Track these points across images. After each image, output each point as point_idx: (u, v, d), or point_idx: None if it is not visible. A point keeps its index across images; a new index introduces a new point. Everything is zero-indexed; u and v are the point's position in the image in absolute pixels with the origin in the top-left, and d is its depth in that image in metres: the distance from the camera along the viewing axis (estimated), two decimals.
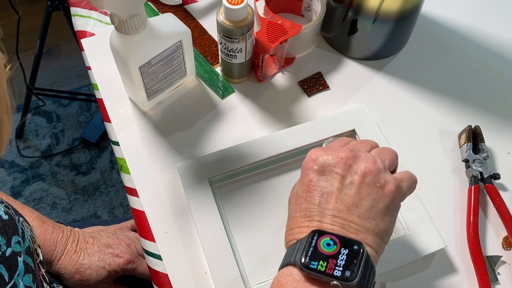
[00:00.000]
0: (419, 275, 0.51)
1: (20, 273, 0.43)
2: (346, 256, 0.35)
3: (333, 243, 0.36)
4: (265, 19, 0.60)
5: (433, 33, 0.69)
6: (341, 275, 0.34)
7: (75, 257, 0.57)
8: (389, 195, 0.39)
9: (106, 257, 0.58)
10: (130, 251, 0.60)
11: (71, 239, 0.59)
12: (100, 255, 0.58)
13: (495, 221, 0.55)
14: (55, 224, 0.60)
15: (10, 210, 0.46)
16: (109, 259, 0.58)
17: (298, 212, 0.39)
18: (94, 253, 0.58)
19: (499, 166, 0.58)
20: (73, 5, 0.71)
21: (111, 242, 0.60)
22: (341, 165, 0.39)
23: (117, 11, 0.47)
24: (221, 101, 0.63)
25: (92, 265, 0.57)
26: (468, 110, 0.62)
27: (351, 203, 0.38)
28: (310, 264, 0.35)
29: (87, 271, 0.57)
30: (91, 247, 0.59)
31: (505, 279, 0.51)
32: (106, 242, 0.60)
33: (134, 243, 0.62)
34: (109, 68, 0.63)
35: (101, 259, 0.58)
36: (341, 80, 0.64)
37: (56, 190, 1.41)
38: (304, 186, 0.39)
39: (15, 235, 0.44)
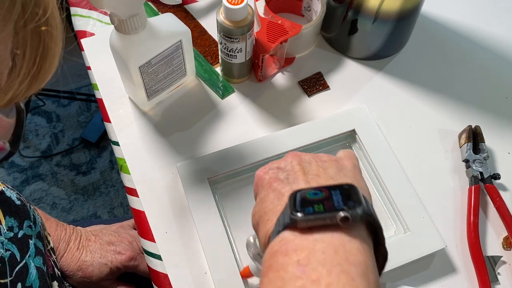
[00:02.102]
0: (419, 275, 0.51)
1: (31, 255, 0.44)
2: (340, 194, 0.31)
3: (320, 191, 0.31)
4: (265, 19, 0.60)
5: (433, 33, 0.69)
6: (344, 205, 0.29)
7: (78, 254, 0.57)
8: (348, 164, 0.37)
9: (108, 254, 0.58)
10: (132, 248, 0.60)
11: (74, 236, 0.59)
12: (102, 252, 0.58)
13: (495, 221, 0.55)
14: (58, 222, 0.60)
15: (21, 197, 0.48)
16: (111, 256, 0.58)
17: (267, 205, 0.34)
18: (96, 251, 0.58)
19: (499, 166, 0.58)
20: (73, 5, 0.71)
21: (113, 239, 0.60)
22: (292, 157, 0.37)
23: (117, 11, 0.47)
24: (221, 101, 0.63)
25: (94, 262, 0.57)
26: (468, 110, 0.62)
27: (319, 172, 0.35)
28: (305, 211, 0.30)
29: (89, 268, 0.57)
30: (93, 245, 0.59)
31: (505, 279, 0.51)
32: (108, 239, 0.60)
33: (136, 240, 0.62)
34: (109, 68, 0.63)
35: (103, 256, 0.58)
36: (341, 80, 0.64)
37: (56, 190, 1.41)
38: (264, 189, 0.36)
39: (27, 220, 0.46)
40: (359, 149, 0.58)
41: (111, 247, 0.59)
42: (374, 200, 0.55)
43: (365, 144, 0.56)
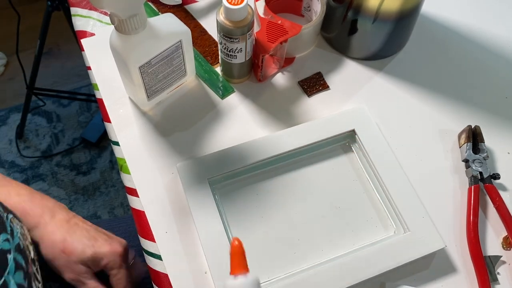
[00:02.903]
0: (419, 275, 0.51)
1: (10, 271, 0.42)
2: None
3: None
4: (265, 19, 0.60)
5: (433, 33, 0.69)
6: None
7: (66, 226, 0.53)
8: None
9: (98, 238, 0.54)
10: (124, 250, 0.56)
11: (65, 210, 0.55)
12: (92, 233, 0.54)
13: (495, 221, 0.55)
14: (45, 196, 0.57)
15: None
16: (100, 241, 0.54)
17: None
18: (85, 231, 0.54)
19: (499, 166, 0.58)
20: (73, 5, 0.71)
21: (107, 233, 0.57)
22: None
23: (117, 11, 0.47)
24: (221, 101, 0.63)
25: (81, 241, 0.53)
26: (468, 110, 0.62)
27: None
28: None
29: (74, 244, 0.52)
30: (86, 227, 0.55)
31: (505, 279, 0.51)
32: (102, 231, 0.57)
33: (127, 252, 0.57)
34: (109, 68, 0.63)
35: (92, 237, 0.54)
36: (341, 80, 0.64)
37: (56, 190, 1.41)
38: None
39: (3, 233, 0.44)
40: (359, 149, 0.58)
41: (103, 235, 0.55)
42: (374, 200, 0.55)
43: (365, 144, 0.56)
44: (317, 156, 0.58)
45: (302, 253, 0.52)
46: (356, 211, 0.54)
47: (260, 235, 0.53)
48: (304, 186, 0.56)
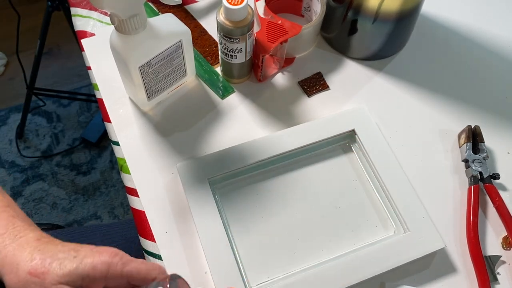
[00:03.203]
0: (419, 275, 0.51)
1: None
2: None
3: None
4: (265, 19, 0.60)
5: (433, 33, 0.69)
6: None
7: (35, 243, 0.39)
8: None
9: (81, 248, 0.39)
10: (114, 249, 0.40)
11: (37, 231, 0.41)
12: (72, 246, 0.39)
13: (495, 221, 0.55)
14: (24, 215, 0.44)
15: None
16: (84, 250, 0.38)
17: None
18: (66, 245, 0.39)
19: (499, 166, 0.58)
20: (73, 5, 0.72)
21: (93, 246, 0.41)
22: None
23: (117, 11, 0.47)
24: (221, 101, 0.63)
25: (56, 255, 0.37)
26: (468, 110, 0.62)
27: None
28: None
29: (46, 260, 0.37)
30: (63, 243, 0.40)
31: (505, 279, 0.51)
32: (87, 245, 0.41)
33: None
34: (109, 68, 0.63)
35: (71, 249, 0.38)
36: (341, 80, 0.64)
37: (56, 190, 1.41)
38: None
39: None
40: (359, 149, 0.58)
41: (86, 246, 0.39)
42: (374, 200, 0.55)
43: (365, 144, 0.56)
44: (317, 156, 0.58)
45: (302, 253, 0.52)
46: (356, 211, 0.54)
47: (260, 235, 0.53)
48: (304, 186, 0.56)
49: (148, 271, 0.40)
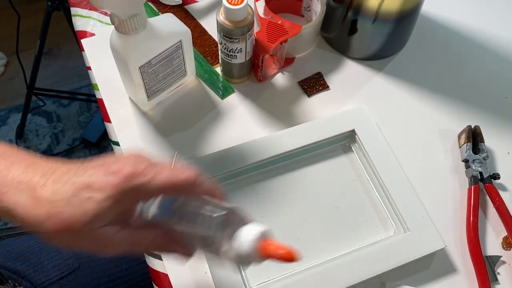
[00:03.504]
0: (419, 275, 0.51)
1: None
2: None
3: None
4: (265, 19, 0.60)
5: (433, 33, 0.69)
6: None
7: (35, 181, 0.34)
8: None
9: (88, 165, 0.35)
10: (135, 161, 0.34)
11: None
12: (78, 177, 0.34)
13: (495, 221, 0.55)
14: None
15: None
16: (100, 180, 0.33)
17: None
18: (68, 177, 0.34)
19: (499, 166, 0.58)
20: (73, 5, 0.72)
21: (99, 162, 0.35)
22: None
23: (117, 11, 0.47)
24: (221, 101, 0.63)
25: (68, 197, 0.33)
26: (468, 110, 0.62)
27: None
28: None
29: (64, 210, 0.32)
30: (61, 169, 0.34)
31: (505, 279, 0.51)
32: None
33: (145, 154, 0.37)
34: (109, 68, 0.63)
35: (80, 167, 0.34)
36: (341, 80, 0.64)
37: None
38: None
39: None
40: (359, 149, 0.58)
41: (97, 167, 0.34)
42: (374, 200, 0.55)
43: (365, 144, 0.56)
44: (317, 156, 0.58)
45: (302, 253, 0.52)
46: (356, 211, 0.54)
47: None
48: (304, 186, 0.56)
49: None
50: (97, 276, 0.63)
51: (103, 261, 0.64)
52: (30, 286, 0.59)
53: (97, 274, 0.63)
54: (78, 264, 0.62)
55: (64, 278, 0.61)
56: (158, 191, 0.35)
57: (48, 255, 0.63)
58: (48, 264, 0.62)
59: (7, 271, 0.59)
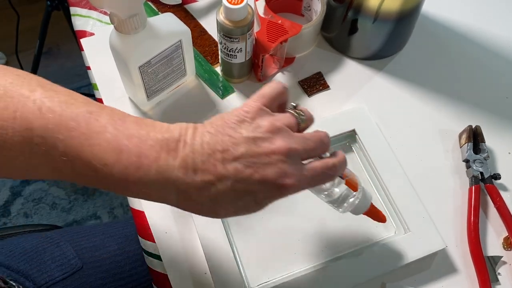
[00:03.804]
0: (420, 275, 0.51)
1: None
2: None
3: None
4: (265, 19, 0.60)
5: (433, 33, 0.69)
6: None
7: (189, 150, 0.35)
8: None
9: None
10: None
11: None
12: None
13: (496, 221, 0.55)
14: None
15: None
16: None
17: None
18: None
19: (500, 166, 0.58)
20: (72, 4, 0.71)
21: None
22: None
23: (116, 11, 0.46)
24: (221, 101, 0.62)
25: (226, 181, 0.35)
26: (469, 110, 0.62)
27: None
28: None
29: (221, 207, 0.36)
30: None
31: (506, 280, 0.51)
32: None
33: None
34: (108, 68, 0.63)
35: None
36: (341, 80, 0.64)
37: (55, 190, 1.41)
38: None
39: None
40: (359, 149, 0.58)
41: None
42: (375, 200, 0.55)
43: (365, 144, 0.56)
44: None
45: (302, 254, 0.52)
46: None
47: (260, 235, 0.53)
48: None
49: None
50: (100, 276, 0.63)
51: (107, 261, 0.64)
52: (34, 286, 0.59)
53: (101, 274, 0.63)
54: (82, 264, 0.62)
55: (68, 278, 0.61)
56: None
57: (52, 254, 0.63)
58: (51, 264, 0.62)
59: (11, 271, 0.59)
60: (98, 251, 0.65)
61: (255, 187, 0.35)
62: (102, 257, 0.64)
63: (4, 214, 1.37)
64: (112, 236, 0.68)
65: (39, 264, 0.61)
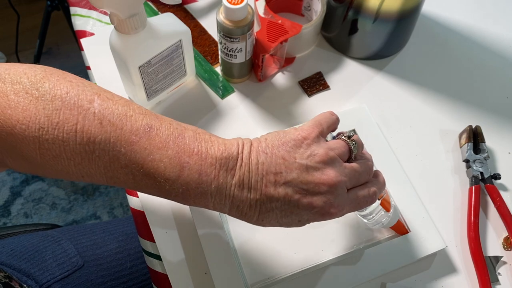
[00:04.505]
0: (420, 275, 0.51)
1: None
2: None
3: None
4: (265, 19, 0.60)
5: (433, 33, 0.69)
6: None
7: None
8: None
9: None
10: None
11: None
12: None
13: (496, 221, 0.55)
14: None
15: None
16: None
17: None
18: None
19: (500, 166, 0.58)
20: (72, 4, 0.71)
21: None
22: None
23: (116, 11, 0.46)
24: (221, 101, 0.62)
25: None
26: (469, 110, 0.62)
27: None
28: None
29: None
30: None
31: (506, 280, 0.51)
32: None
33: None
34: (108, 68, 0.63)
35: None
36: (342, 80, 0.64)
37: (55, 190, 1.41)
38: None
39: None
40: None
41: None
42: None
43: (366, 144, 0.56)
44: None
45: (302, 254, 0.52)
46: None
47: (260, 235, 0.53)
48: None
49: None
50: (101, 274, 0.63)
51: (108, 260, 0.64)
52: (35, 285, 0.59)
53: (102, 272, 0.63)
54: (83, 263, 0.63)
55: (69, 276, 0.61)
56: None
57: (53, 253, 0.63)
58: (53, 262, 0.62)
59: (12, 270, 0.59)
60: (99, 249, 0.65)
61: (300, 211, 0.38)
62: (103, 255, 0.64)
63: (4, 214, 1.37)
64: (112, 234, 0.68)
65: (41, 263, 0.61)
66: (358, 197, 0.40)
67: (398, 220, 0.49)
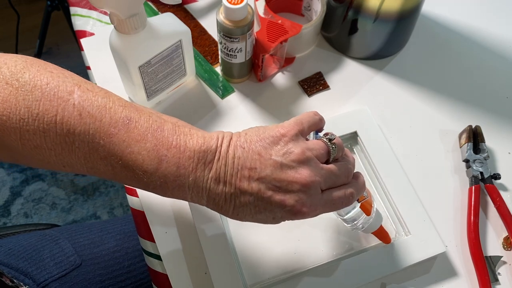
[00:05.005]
0: (420, 275, 0.51)
1: None
2: None
3: None
4: (265, 19, 0.60)
5: (433, 33, 0.69)
6: None
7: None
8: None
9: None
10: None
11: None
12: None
13: (496, 221, 0.55)
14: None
15: None
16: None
17: None
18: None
19: (500, 166, 0.58)
20: (72, 4, 0.71)
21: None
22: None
23: (116, 11, 0.46)
24: (221, 101, 0.62)
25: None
26: (469, 110, 0.62)
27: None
28: None
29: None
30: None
31: (506, 280, 0.51)
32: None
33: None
34: (108, 68, 0.63)
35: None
36: (342, 79, 0.64)
37: (55, 190, 1.41)
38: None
39: None
40: (361, 151, 0.58)
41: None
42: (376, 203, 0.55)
43: (367, 146, 0.56)
44: None
45: (302, 254, 0.52)
46: None
47: (260, 235, 0.53)
48: None
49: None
50: (99, 273, 0.63)
51: (106, 258, 0.64)
52: (33, 284, 0.59)
53: (100, 271, 0.63)
54: (81, 261, 0.63)
55: (67, 275, 0.61)
56: None
57: (50, 252, 0.63)
58: (50, 261, 0.62)
59: (10, 269, 0.59)
60: (97, 248, 0.65)
61: (273, 208, 0.38)
62: (100, 254, 0.64)
63: (4, 214, 1.37)
64: (110, 233, 0.68)
65: (38, 262, 0.61)
66: (333, 198, 0.39)
67: (381, 227, 0.48)
